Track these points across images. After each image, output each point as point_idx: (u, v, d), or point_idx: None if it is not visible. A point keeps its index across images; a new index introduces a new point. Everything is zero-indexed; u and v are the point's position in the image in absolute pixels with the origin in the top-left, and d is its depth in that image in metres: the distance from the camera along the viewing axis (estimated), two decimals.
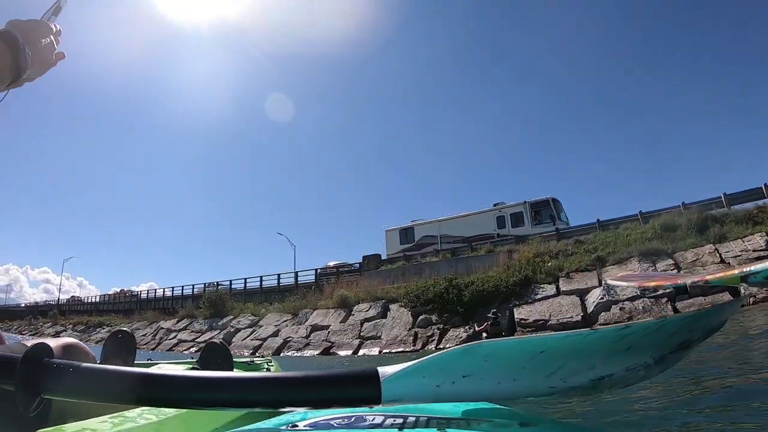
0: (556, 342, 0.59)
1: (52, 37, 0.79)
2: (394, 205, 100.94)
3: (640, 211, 15.80)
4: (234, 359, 2.39)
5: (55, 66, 0.82)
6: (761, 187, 14.10)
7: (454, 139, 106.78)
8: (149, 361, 2.43)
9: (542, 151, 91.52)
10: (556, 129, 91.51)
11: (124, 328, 1.94)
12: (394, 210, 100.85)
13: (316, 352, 13.69)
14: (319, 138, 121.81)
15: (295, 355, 13.93)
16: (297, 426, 0.60)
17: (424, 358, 0.58)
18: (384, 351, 12.50)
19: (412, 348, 12.14)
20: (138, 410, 0.95)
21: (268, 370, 2.65)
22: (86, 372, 0.55)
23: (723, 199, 14.31)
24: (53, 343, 0.96)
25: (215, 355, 1.76)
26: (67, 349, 1.02)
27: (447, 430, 0.52)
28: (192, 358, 2.46)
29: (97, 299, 40.77)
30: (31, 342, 0.76)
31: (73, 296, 47.12)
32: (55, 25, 0.80)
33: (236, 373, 0.61)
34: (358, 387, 0.56)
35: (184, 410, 0.95)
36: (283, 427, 0.61)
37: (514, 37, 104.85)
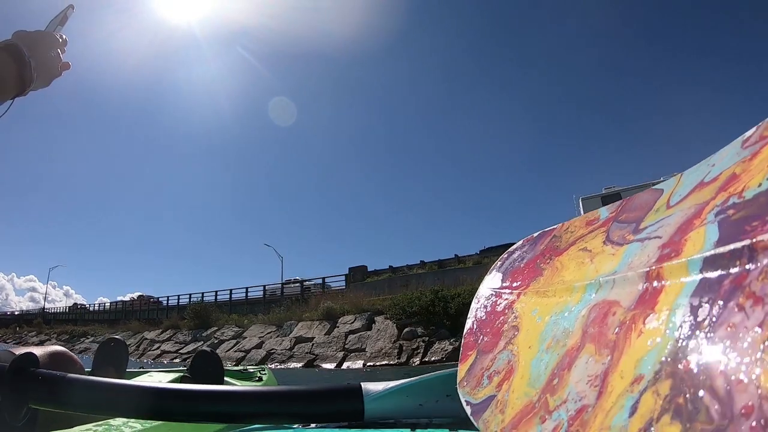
0: None
1: (58, 50, 0.78)
2: (384, 217, 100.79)
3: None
4: (226, 368, 2.36)
5: (60, 76, 0.81)
6: None
7: (455, 148, 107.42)
8: (141, 369, 2.38)
9: (542, 158, 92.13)
10: (536, 142, 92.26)
11: (117, 336, 1.91)
12: (385, 220, 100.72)
13: (300, 365, 13.44)
14: (306, 147, 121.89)
15: (278, 367, 13.64)
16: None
17: (410, 379, 0.60)
18: (368, 364, 12.25)
19: (396, 361, 11.89)
20: (122, 419, 0.97)
21: (260, 378, 2.64)
22: (72, 383, 0.55)
23: None
24: (40, 351, 0.97)
25: (206, 363, 1.73)
26: (54, 357, 1.01)
27: (459, 430, 0.50)
28: (184, 367, 2.39)
29: (107, 306, 37.42)
30: (18, 351, 0.80)
31: (75, 303, 44.27)
32: (61, 36, 0.79)
33: (222, 387, 0.61)
34: (343, 403, 0.57)
35: None
36: (295, 426, 0.61)
37: (523, 31, 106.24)
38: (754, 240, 0.22)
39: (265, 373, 2.79)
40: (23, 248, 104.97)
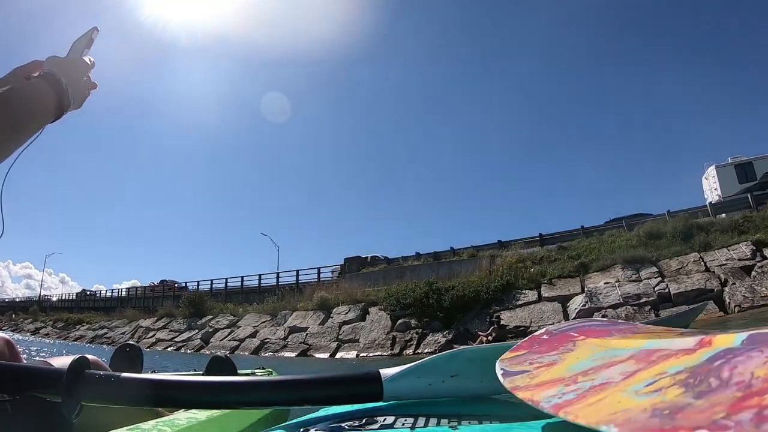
0: None
1: (89, 74, 0.80)
2: (380, 209, 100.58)
3: (625, 219, 15.61)
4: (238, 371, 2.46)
5: (89, 96, 0.83)
6: (747, 196, 14.06)
7: (443, 145, 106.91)
8: (153, 373, 2.43)
9: (524, 157, 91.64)
10: (538, 133, 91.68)
11: (131, 342, 2.05)
12: (378, 213, 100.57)
13: (293, 354, 13.44)
14: (303, 140, 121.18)
15: (272, 356, 13.63)
16: (309, 430, 0.61)
17: (420, 361, 0.66)
18: (361, 354, 12.23)
19: (390, 352, 11.88)
20: (152, 422, 1.04)
21: None
22: (125, 381, 0.62)
23: (709, 208, 14.24)
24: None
25: (221, 367, 1.87)
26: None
27: (459, 427, 0.51)
28: (195, 370, 2.57)
29: (124, 293, 34.42)
30: (54, 361, 0.91)
31: (84, 290, 41.65)
32: (89, 59, 0.81)
33: (257, 378, 0.69)
34: (365, 386, 0.64)
35: (196, 422, 1.08)
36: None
37: (506, 32, 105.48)
38: None
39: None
40: (18, 235, 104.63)
